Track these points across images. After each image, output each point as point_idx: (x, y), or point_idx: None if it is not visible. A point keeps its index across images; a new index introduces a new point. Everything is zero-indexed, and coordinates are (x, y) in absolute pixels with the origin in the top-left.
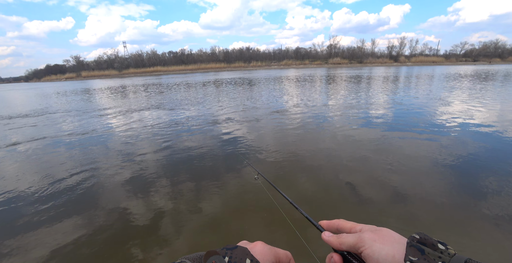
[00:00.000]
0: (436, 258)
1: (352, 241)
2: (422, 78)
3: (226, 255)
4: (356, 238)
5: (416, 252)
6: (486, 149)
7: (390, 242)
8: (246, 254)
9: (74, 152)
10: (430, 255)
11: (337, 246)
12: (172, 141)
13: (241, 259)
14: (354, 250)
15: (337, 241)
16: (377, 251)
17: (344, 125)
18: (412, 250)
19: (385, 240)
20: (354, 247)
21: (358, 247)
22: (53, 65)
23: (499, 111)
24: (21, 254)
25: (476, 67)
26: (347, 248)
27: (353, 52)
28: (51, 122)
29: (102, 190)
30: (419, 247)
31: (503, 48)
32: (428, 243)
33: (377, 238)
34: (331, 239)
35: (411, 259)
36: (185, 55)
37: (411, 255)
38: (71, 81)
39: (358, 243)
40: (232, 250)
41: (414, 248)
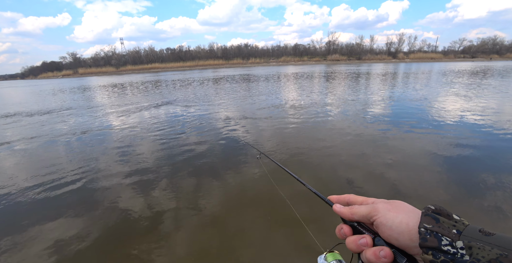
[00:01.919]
0: (450, 226)
1: (365, 211)
2: (421, 74)
3: None
4: (370, 208)
5: (431, 220)
6: (484, 145)
7: (404, 212)
8: None
9: (74, 150)
10: (445, 223)
11: (349, 217)
12: (173, 138)
13: None
14: (366, 220)
15: (349, 211)
16: (391, 219)
17: (343, 121)
18: (427, 219)
19: (399, 210)
20: (367, 217)
21: (370, 216)
22: (50, 62)
23: (498, 107)
24: (20, 252)
25: (476, 64)
26: (359, 218)
27: (352, 48)
28: (51, 120)
29: (102, 187)
30: (434, 216)
31: (501, 44)
32: (443, 213)
33: (391, 208)
34: (342, 210)
35: (425, 226)
36: (183, 52)
37: (425, 222)
38: (68, 78)
39: (371, 212)
40: None
41: (429, 217)
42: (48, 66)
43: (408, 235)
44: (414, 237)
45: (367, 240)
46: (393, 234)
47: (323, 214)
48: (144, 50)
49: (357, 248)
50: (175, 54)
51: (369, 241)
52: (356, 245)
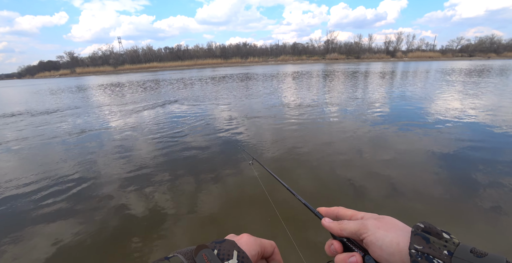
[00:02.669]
0: (441, 247)
1: (354, 227)
2: (419, 73)
3: (215, 248)
4: (359, 225)
5: (421, 241)
6: (482, 142)
7: (394, 230)
8: (233, 246)
9: (72, 150)
10: (435, 243)
11: (338, 233)
12: (173, 138)
13: (229, 251)
14: (355, 236)
15: (338, 227)
16: (381, 237)
17: (341, 120)
18: (417, 239)
19: (389, 228)
20: (356, 234)
21: (360, 234)
22: (47, 62)
23: (496, 106)
24: (18, 253)
25: (475, 63)
26: (348, 234)
27: (351, 47)
28: (51, 120)
29: (101, 187)
30: (424, 235)
31: (499, 43)
32: (432, 232)
33: (381, 226)
34: (331, 225)
35: (416, 247)
36: (181, 51)
37: (416, 243)
38: (66, 78)
39: (360, 229)
40: (220, 243)
41: (419, 236)
42: (45, 65)
43: (399, 256)
44: (406, 259)
45: (356, 259)
46: (383, 255)
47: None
48: (142, 49)
49: None
50: (174, 53)
51: (359, 260)
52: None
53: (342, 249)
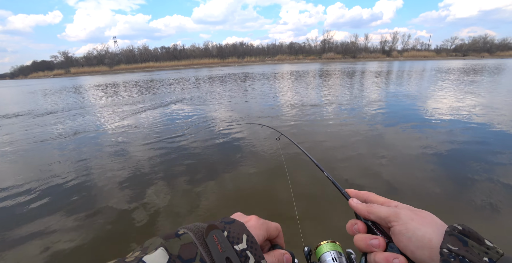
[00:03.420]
0: (481, 253)
1: (384, 213)
2: (415, 73)
3: (225, 230)
4: (391, 212)
5: (457, 242)
6: (477, 140)
7: (429, 225)
8: (243, 229)
9: (70, 152)
10: (474, 248)
11: (364, 215)
12: (173, 138)
13: (239, 234)
14: (383, 222)
15: (366, 209)
16: (412, 230)
17: (338, 118)
18: (452, 239)
19: (424, 222)
20: (385, 220)
21: (389, 221)
22: (40, 61)
23: (489, 104)
24: (17, 254)
25: (469, 62)
26: (376, 218)
27: (347, 47)
28: (50, 121)
29: (99, 187)
30: (461, 237)
31: (492, 43)
32: (472, 236)
33: (415, 218)
34: (359, 206)
35: (449, 247)
36: (177, 51)
37: (450, 243)
38: (60, 78)
39: (391, 216)
40: (230, 224)
41: (454, 237)
42: (39, 65)
43: (429, 252)
44: (435, 256)
45: (379, 242)
46: (411, 246)
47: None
48: (138, 49)
49: (366, 247)
50: (170, 53)
51: (382, 244)
52: (366, 244)
53: (365, 231)
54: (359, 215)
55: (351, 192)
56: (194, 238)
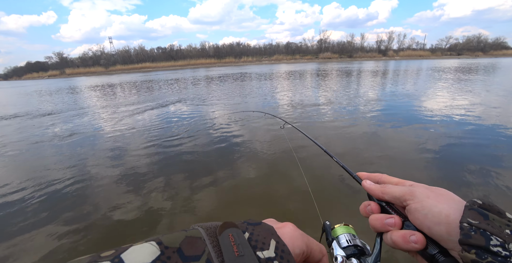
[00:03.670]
0: (502, 226)
1: (399, 192)
2: (411, 72)
3: (246, 231)
4: (406, 190)
5: (477, 216)
6: (472, 137)
7: (446, 201)
8: (271, 234)
9: (65, 153)
10: (495, 221)
11: (378, 195)
12: (173, 139)
13: (265, 239)
14: (398, 202)
15: (380, 189)
16: (428, 206)
17: (337, 117)
18: (473, 213)
19: (440, 199)
20: (400, 199)
21: (404, 200)
22: (35, 62)
23: (485, 103)
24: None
25: (464, 61)
26: (390, 198)
27: (343, 46)
28: (47, 122)
29: (97, 188)
30: (482, 211)
31: (485, 42)
32: (493, 210)
33: (431, 195)
34: (372, 187)
35: (470, 221)
36: (174, 51)
37: (470, 217)
38: (55, 79)
39: (405, 195)
40: (254, 225)
41: (475, 211)
42: (33, 66)
43: (446, 227)
44: (453, 231)
45: (395, 221)
46: (427, 223)
47: None
48: (134, 50)
49: (382, 227)
50: (166, 53)
51: (398, 222)
52: (382, 223)
53: (379, 211)
54: (372, 196)
55: (362, 175)
56: (204, 233)
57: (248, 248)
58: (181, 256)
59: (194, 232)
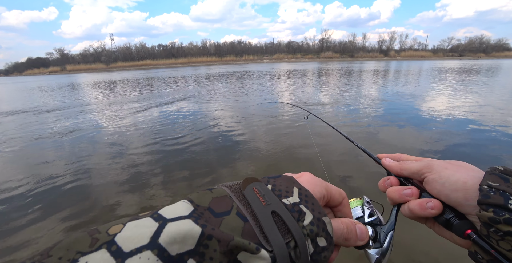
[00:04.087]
0: None
1: (416, 166)
2: (415, 73)
3: (268, 183)
4: (423, 164)
5: (498, 179)
6: (472, 138)
7: (465, 171)
8: (292, 182)
9: (63, 150)
10: None
11: (397, 171)
12: (176, 139)
13: (287, 187)
14: (416, 176)
15: (399, 166)
16: (446, 176)
17: (334, 116)
18: (493, 177)
19: (458, 169)
20: (418, 173)
21: (422, 173)
22: (35, 58)
23: (484, 104)
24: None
25: (467, 62)
26: (409, 173)
27: (345, 46)
28: (50, 120)
29: (95, 186)
30: (503, 176)
31: (488, 43)
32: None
33: (449, 166)
34: (392, 164)
35: (489, 184)
36: (175, 48)
37: (490, 180)
38: (56, 75)
39: (423, 168)
40: (274, 178)
41: (496, 176)
42: (34, 62)
43: (463, 193)
44: (470, 196)
45: (412, 191)
46: (444, 191)
47: None
48: (135, 47)
49: (399, 197)
50: (167, 51)
51: (416, 193)
52: (399, 194)
53: (398, 185)
54: (392, 173)
55: (382, 155)
56: (229, 191)
57: (274, 197)
58: (213, 213)
59: (219, 191)
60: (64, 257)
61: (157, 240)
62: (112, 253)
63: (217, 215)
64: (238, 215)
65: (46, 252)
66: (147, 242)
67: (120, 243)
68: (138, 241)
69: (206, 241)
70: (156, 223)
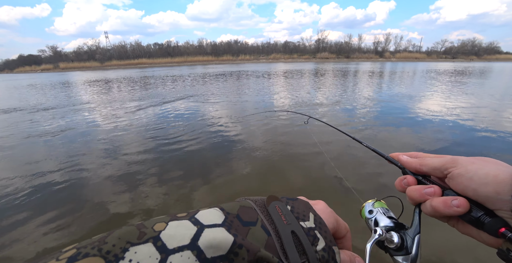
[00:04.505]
0: None
1: (438, 162)
2: (408, 74)
3: (287, 204)
4: (447, 160)
5: None
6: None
7: (494, 165)
8: (309, 208)
9: (58, 149)
10: None
11: (416, 167)
12: (174, 137)
13: (304, 212)
14: (438, 172)
15: (418, 162)
16: (473, 170)
17: (333, 116)
18: None
19: (487, 164)
20: (440, 169)
21: (446, 168)
22: (27, 55)
23: (477, 105)
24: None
25: (460, 64)
26: (430, 170)
27: (341, 47)
28: (38, 119)
29: (90, 185)
30: None
31: (479, 46)
32: None
33: (475, 161)
34: (410, 160)
35: None
36: (171, 47)
37: None
38: (48, 73)
39: (447, 164)
40: (293, 201)
41: None
42: (26, 59)
43: (494, 186)
44: (503, 190)
45: (434, 190)
46: (472, 185)
47: None
48: (130, 45)
49: (420, 197)
50: (163, 50)
51: (438, 191)
52: (420, 193)
53: (415, 184)
54: (409, 170)
55: (395, 155)
56: (254, 205)
57: (293, 218)
58: (241, 221)
59: (245, 203)
60: (117, 245)
61: (196, 242)
62: (158, 248)
63: (244, 224)
64: (262, 228)
65: (103, 239)
66: (188, 243)
67: (165, 240)
68: (180, 240)
69: (237, 249)
70: (195, 227)
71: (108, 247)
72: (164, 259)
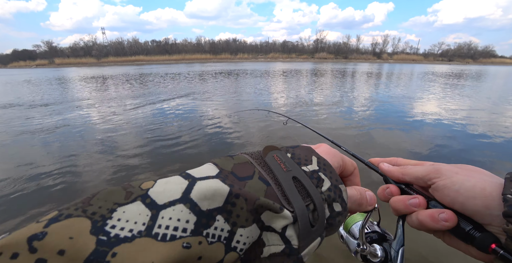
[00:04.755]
0: None
1: (422, 171)
2: (408, 75)
3: (287, 152)
4: (430, 169)
5: None
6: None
7: (478, 176)
8: (311, 152)
9: (53, 147)
10: None
11: (398, 177)
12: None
13: (306, 156)
14: (421, 182)
15: (400, 171)
16: (459, 182)
17: (331, 118)
18: None
19: (471, 174)
20: (423, 179)
21: (429, 178)
22: (22, 50)
23: (471, 108)
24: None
25: (457, 67)
26: (412, 179)
27: (339, 47)
28: (34, 115)
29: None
30: None
31: (475, 49)
32: None
33: (459, 171)
34: (391, 169)
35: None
36: (169, 45)
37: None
38: (43, 69)
39: (430, 173)
40: (293, 148)
41: None
42: (20, 54)
43: (483, 201)
44: (492, 204)
45: (419, 201)
46: (459, 198)
47: None
48: (127, 42)
49: (405, 208)
50: (161, 47)
51: (423, 202)
52: (405, 204)
53: (399, 194)
54: (390, 179)
55: (375, 161)
56: (250, 158)
57: (294, 164)
58: (236, 177)
59: (240, 157)
60: (104, 206)
61: (188, 195)
62: (147, 205)
63: (240, 179)
64: (260, 180)
65: (87, 201)
66: (179, 197)
67: (154, 196)
68: (170, 195)
69: (234, 199)
70: (186, 180)
71: (94, 208)
72: (155, 215)
